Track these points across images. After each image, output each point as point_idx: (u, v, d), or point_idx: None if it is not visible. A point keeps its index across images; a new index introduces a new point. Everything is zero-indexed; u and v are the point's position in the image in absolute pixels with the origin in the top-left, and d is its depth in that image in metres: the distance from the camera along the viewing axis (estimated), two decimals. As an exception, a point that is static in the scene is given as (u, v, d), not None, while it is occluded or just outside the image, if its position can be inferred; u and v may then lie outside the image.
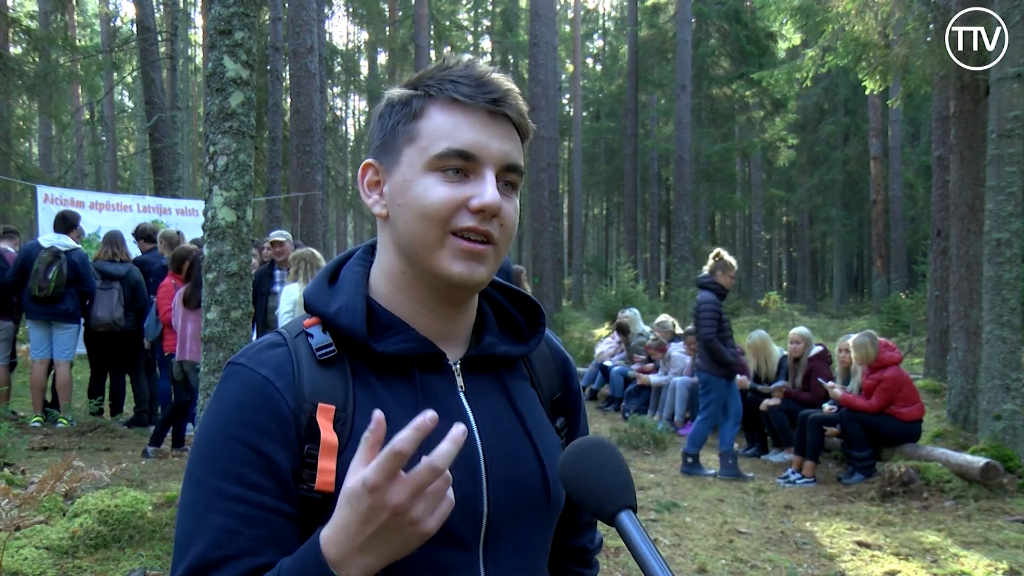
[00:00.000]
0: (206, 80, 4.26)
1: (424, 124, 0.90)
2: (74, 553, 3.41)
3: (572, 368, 1.12)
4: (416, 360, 0.92)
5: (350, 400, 0.88)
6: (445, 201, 0.88)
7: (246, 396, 0.86)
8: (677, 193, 20.56)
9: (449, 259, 0.89)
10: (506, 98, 0.91)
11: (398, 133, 0.92)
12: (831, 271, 31.28)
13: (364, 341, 0.90)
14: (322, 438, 0.85)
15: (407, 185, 0.90)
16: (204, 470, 0.84)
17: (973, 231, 7.27)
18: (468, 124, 0.89)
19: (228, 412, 0.86)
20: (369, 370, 0.91)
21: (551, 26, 14.94)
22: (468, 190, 0.88)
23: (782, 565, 4.22)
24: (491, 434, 0.94)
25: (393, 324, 0.92)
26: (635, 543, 0.78)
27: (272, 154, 14.28)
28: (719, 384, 6.28)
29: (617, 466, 0.83)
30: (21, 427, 6.40)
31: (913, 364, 10.71)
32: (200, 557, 0.81)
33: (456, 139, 0.88)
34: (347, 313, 0.91)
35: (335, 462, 0.84)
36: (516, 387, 1.00)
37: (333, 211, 32.78)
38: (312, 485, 0.85)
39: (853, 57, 8.88)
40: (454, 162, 0.88)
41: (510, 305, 1.05)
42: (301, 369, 0.88)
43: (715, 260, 6.27)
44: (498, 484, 0.92)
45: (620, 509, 0.80)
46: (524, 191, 16.82)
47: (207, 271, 4.12)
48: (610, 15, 40.57)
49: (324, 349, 0.90)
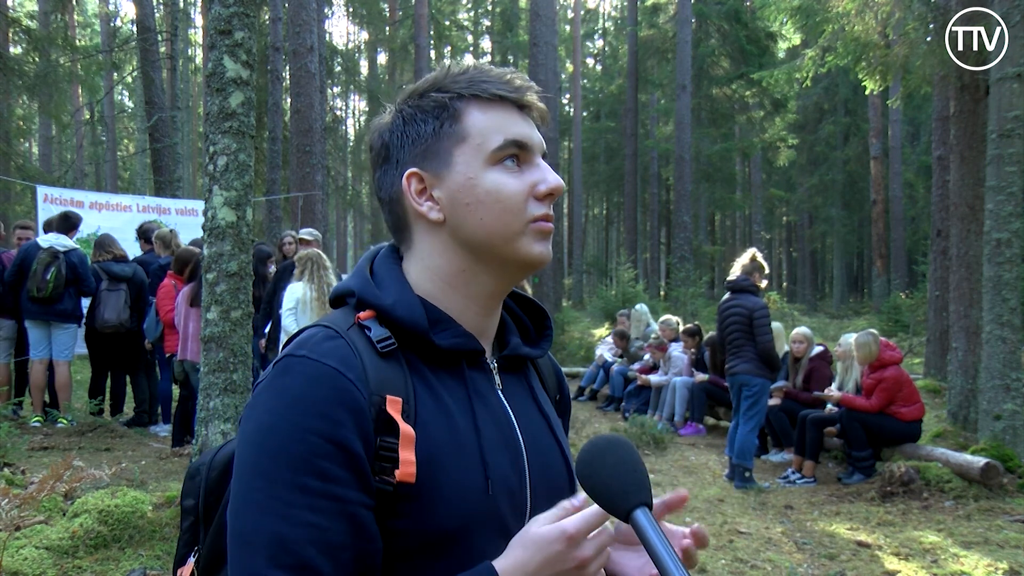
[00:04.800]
0: (206, 80, 4.26)
1: (470, 123, 0.94)
2: (74, 553, 3.41)
3: (561, 371, 1.19)
4: (465, 356, 0.95)
5: (411, 393, 0.89)
6: (520, 191, 0.93)
7: (317, 387, 0.83)
8: (677, 193, 20.55)
9: (531, 243, 0.94)
10: (533, 91, 0.97)
11: (442, 136, 0.94)
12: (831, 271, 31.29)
13: (424, 334, 0.91)
14: (402, 430, 0.85)
15: (473, 183, 0.93)
16: (277, 465, 0.80)
17: (973, 231, 7.27)
18: (510, 117, 0.95)
19: (298, 404, 0.82)
20: (423, 364, 0.93)
21: (551, 26, 14.93)
22: (530, 177, 0.94)
23: (782, 565, 4.22)
24: (526, 431, 0.98)
25: (442, 320, 0.95)
26: (650, 540, 0.79)
27: (272, 154, 14.27)
28: (767, 388, 6.20)
29: (633, 463, 0.84)
30: (21, 427, 6.40)
31: (913, 364, 10.72)
32: (293, 555, 0.78)
33: (509, 131, 0.94)
34: (404, 306, 0.92)
35: (414, 453, 0.85)
36: (536, 387, 1.06)
37: (333, 211, 32.78)
38: (388, 477, 0.84)
39: (853, 57, 8.87)
40: (511, 151, 0.93)
41: (518, 309, 1.10)
42: (364, 361, 0.87)
43: (752, 262, 6.10)
44: (536, 478, 0.96)
45: (635, 506, 0.81)
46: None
47: (207, 271, 4.12)
48: (610, 15, 40.55)
49: (385, 342, 0.90)
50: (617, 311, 12.49)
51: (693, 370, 8.50)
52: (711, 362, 8.23)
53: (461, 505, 0.86)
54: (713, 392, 8.16)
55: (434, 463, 0.86)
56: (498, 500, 0.90)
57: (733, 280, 6.22)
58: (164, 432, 6.83)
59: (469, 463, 0.89)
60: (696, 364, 8.52)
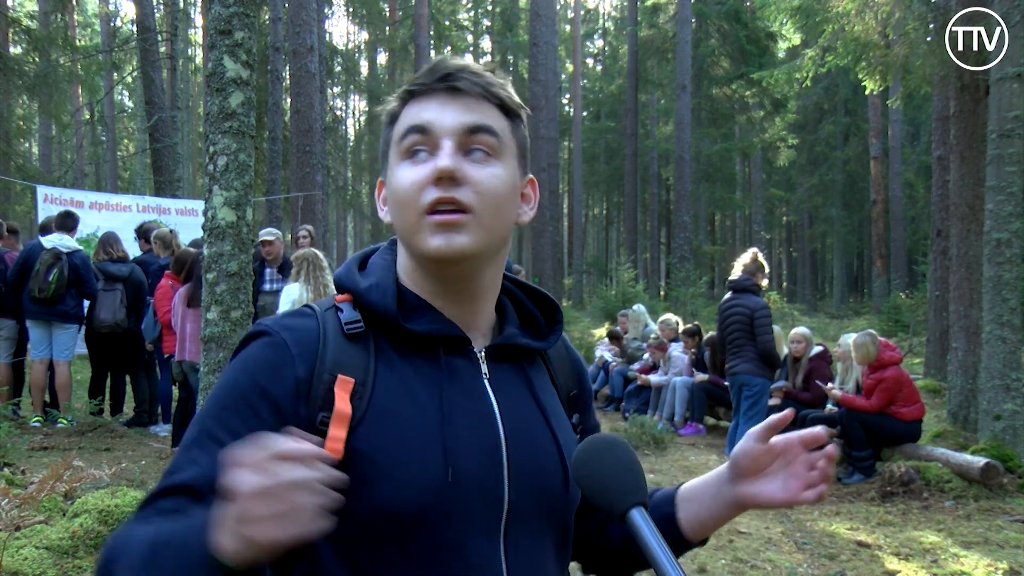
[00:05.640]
0: (206, 80, 4.26)
1: (398, 124, 0.95)
2: (74, 553, 3.41)
3: (584, 366, 1.16)
4: (442, 341, 0.94)
5: (371, 375, 0.90)
6: (410, 181, 0.91)
7: (261, 353, 0.90)
8: (677, 193, 20.56)
9: (427, 237, 0.90)
10: (459, 72, 0.92)
11: (388, 141, 0.97)
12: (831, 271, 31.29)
13: (394, 318, 0.92)
14: (336, 407, 0.87)
15: (391, 181, 0.95)
16: (206, 413, 0.88)
17: (973, 231, 7.27)
18: (426, 106, 0.92)
19: (243, 364, 0.90)
20: (393, 349, 0.93)
21: (551, 26, 14.94)
22: (430, 165, 0.90)
23: (782, 565, 4.22)
24: (512, 421, 0.95)
25: (420, 306, 0.95)
26: (646, 540, 0.79)
27: (272, 154, 14.27)
28: (767, 388, 6.18)
29: (629, 463, 0.84)
30: (21, 427, 6.40)
31: (913, 364, 10.72)
32: (176, 482, 0.84)
33: (413, 119, 0.92)
34: (378, 291, 0.94)
35: (345, 431, 0.86)
36: (537, 380, 1.03)
37: (333, 211, 32.77)
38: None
39: (853, 57, 8.88)
40: (414, 139, 0.91)
41: (529, 302, 1.08)
42: (327, 340, 0.90)
43: (753, 262, 6.09)
44: (519, 470, 0.93)
45: (631, 506, 0.81)
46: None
47: (207, 271, 4.12)
48: (610, 15, 40.55)
49: (352, 324, 0.93)
50: (617, 311, 12.49)
51: (693, 370, 8.49)
52: (711, 362, 8.23)
53: (414, 490, 0.85)
54: (713, 392, 8.15)
55: (385, 446, 0.86)
56: (464, 490, 0.87)
57: (735, 280, 6.21)
58: (164, 432, 6.83)
59: (427, 450, 0.87)
60: (696, 364, 8.52)
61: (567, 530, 1.02)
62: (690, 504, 1.05)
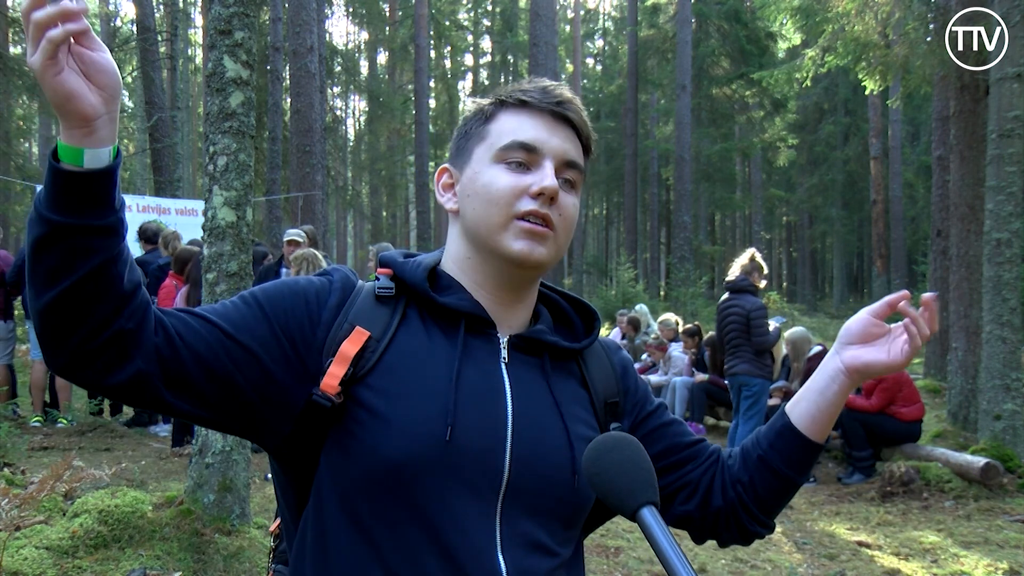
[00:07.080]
0: (206, 80, 4.26)
1: (494, 125, 1.03)
2: (74, 553, 3.41)
3: (632, 375, 1.18)
4: (465, 317, 1.00)
5: (388, 334, 0.98)
6: (509, 187, 0.99)
7: (312, 281, 1.02)
8: (677, 193, 20.55)
9: (512, 239, 0.98)
10: (570, 103, 1.03)
11: (471, 136, 1.05)
12: (831, 271, 31.30)
13: (424, 289, 1.00)
14: (341, 349, 0.95)
15: (475, 176, 1.02)
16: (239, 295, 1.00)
17: (973, 231, 7.27)
18: (532, 123, 1.01)
19: (292, 280, 1.02)
20: (419, 318, 1.01)
21: (551, 26, 14.93)
22: (529, 179, 0.99)
23: (782, 565, 4.22)
24: (523, 405, 0.99)
25: (453, 286, 1.03)
26: (656, 539, 0.79)
27: (272, 154, 14.27)
28: (767, 388, 6.18)
29: (640, 462, 0.85)
30: (21, 427, 6.40)
31: (913, 364, 10.72)
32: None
33: (520, 134, 1.00)
34: (413, 267, 1.03)
35: (343, 372, 0.93)
36: (558, 378, 1.06)
37: (333, 211, 32.76)
38: (320, 392, 0.93)
39: (853, 57, 8.87)
40: (517, 154, 1.00)
41: (570, 308, 1.14)
42: (357, 299, 1.00)
43: (751, 262, 6.07)
44: (523, 451, 0.96)
45: (642, 505, 0.81)
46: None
47: (207, 271, 4.12)
48: (610, 15, 40.52)
49: (384, 288, 1.02)
50: (616, 311, 12.48)
51: (693, 370, 8.49)
52: (711, 362, 8.22)
53: (410, 441, 0.91)
54: (713, 392, 8.15)
55: (389, 399, 0.93)
56: (460, 452, 0.92)
57: (732, 280, 6.21)
58: (164, 432, 6.83)
59: (432, 407, 0.93)
60: (696, 364, 8.52)
61: (575, 521, 1.03)
62: (799, 405, 1.11)
